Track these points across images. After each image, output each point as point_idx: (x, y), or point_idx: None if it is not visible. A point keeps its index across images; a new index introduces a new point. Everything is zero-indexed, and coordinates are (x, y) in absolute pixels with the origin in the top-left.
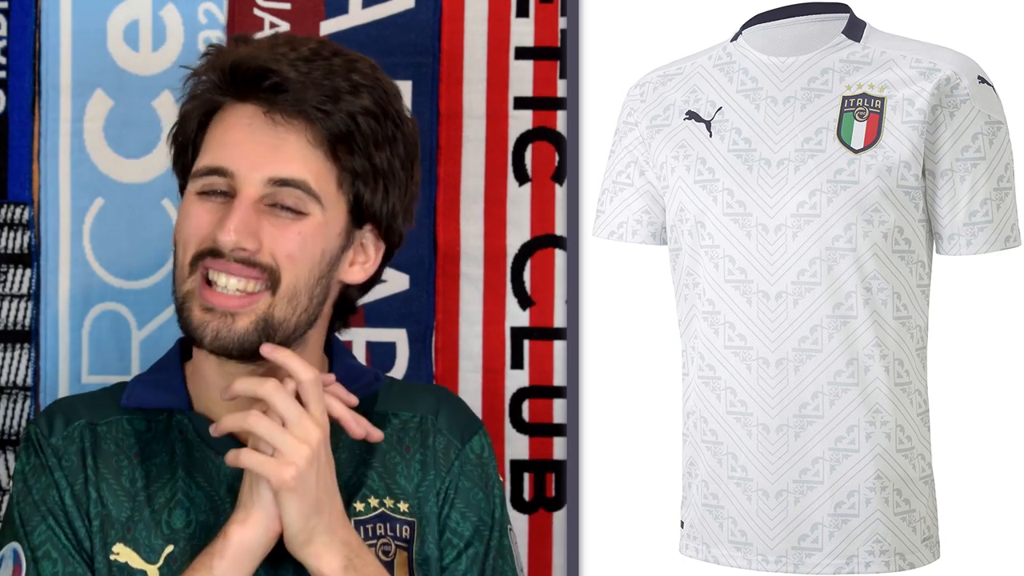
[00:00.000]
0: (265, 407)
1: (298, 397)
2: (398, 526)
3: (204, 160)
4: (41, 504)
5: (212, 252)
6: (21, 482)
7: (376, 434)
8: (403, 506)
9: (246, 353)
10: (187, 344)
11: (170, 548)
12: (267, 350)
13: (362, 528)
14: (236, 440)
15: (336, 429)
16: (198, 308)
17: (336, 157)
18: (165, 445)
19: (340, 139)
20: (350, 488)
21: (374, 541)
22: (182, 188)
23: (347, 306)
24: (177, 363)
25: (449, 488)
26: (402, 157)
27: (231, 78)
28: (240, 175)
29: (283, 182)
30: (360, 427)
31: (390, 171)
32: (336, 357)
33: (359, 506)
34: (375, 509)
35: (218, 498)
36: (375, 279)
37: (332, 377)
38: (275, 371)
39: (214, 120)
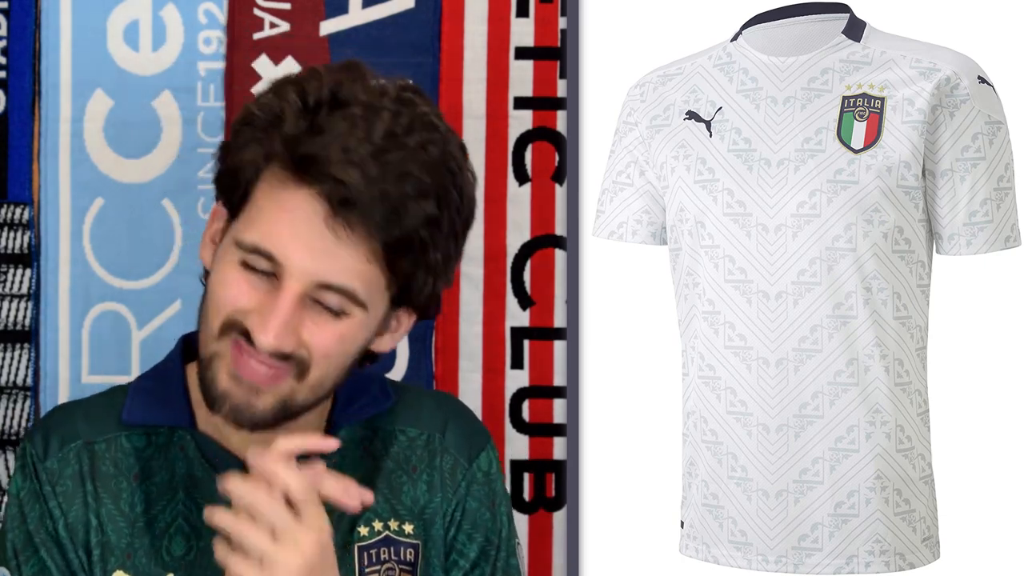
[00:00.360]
0: (277, 433)
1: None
2: (403, 549)
3: (253, 236)
4: (35, 535)
5: (246, 334)
6: (16, 507)
7: (368, 499)
8: (408, 527)
9: (257, 428)
10: (189, 346)
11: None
12: (255, 459)
13: (366, 554)
14: (235, 458)
15: (347, 446)
16: (225, 374)
17: (391, 265)
18: (166, 463)
19: (398, 250)
20: (354, 514)
21: (378, 567)
22: (218, 198)
23: (364, 359)
24: (179, 370)
25: (456, 510)
26: (457, 235)
27: (298, 162)
28: (289, 270)
29: (331, 287)
30: (353, 500)
31: (442, 265)
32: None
33: (363, 531)
34: (379, 533)
35: None
36: None
37: (335, 444)
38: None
39: (269, 185)
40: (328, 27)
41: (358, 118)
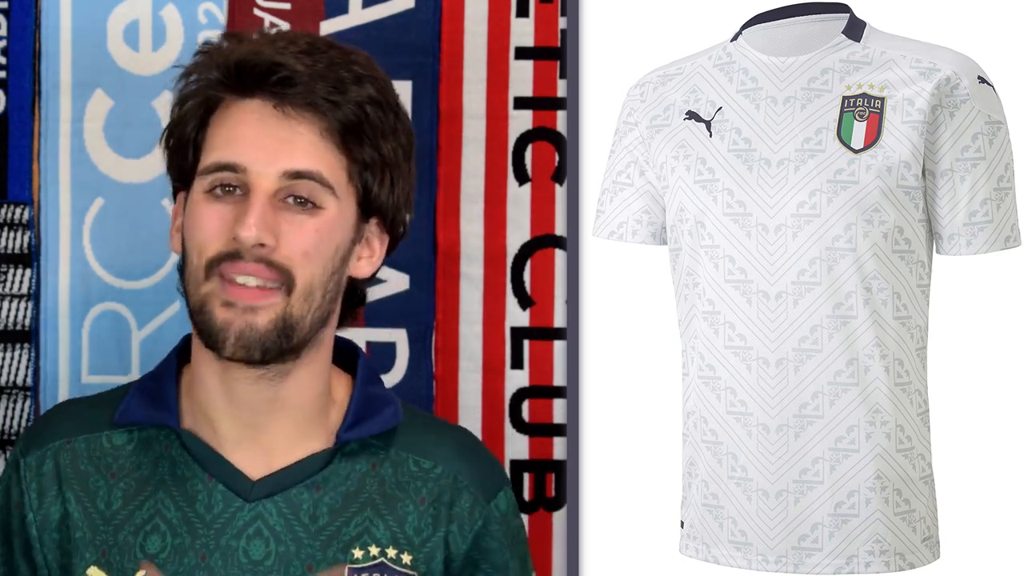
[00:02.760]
0: (273, 408)
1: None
2: None
3: (212, 156)
4: (5, 527)
5: (230, 255)
6: (1, 498)
7: None
8: (406, 557)
9: (268, 355)
10: (187, 349)
11: (141, 573)
12: None
13: None
14: (222, 458)
15: (355, 465)
16: (219, 307)
17: (347, 148)
18: (147, 459)
19: (350, 129)
20: (352, 533)
21: None
22: (176, 191)
23: (354, 300)
24: (173, 371)
25: (473, 550)
26: (404, 147)
27: (237, 74)
28: (254, 170)
29: (297, 174)
30: None
31: (395, 161)
32: (358, 386)
33: (357, 553)
34: (374, 558)
35: (196, 518)
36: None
37: None
38: (286, 377)
39: (216, 118)
40: (328, 27)
41: (278, 37)
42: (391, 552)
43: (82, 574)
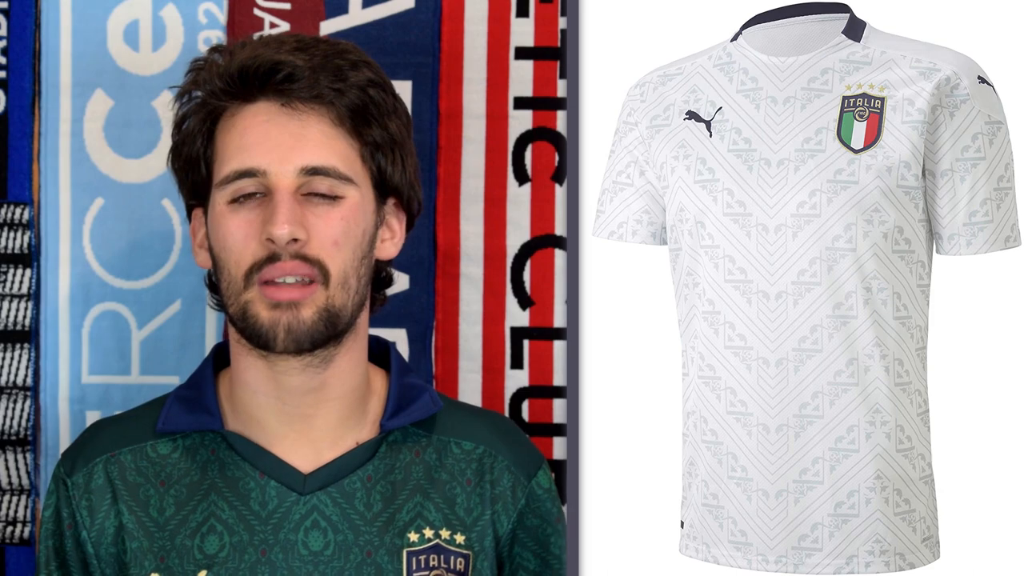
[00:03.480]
0: (319, 398)
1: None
2: (452, 558)
3: (229, 166)
4: (59, 552)
5: (268, 259)
6: (47, 524)
7: None
8: (459, 538)
9: (317, 344)
10: (221, 355)
11: (203, 573)
12: None
13: (415, 559)
14: (271, 454)
15: (400, 452)
16: (265, 310)
17: (357, 132)
18: (195, 464)
19: (357, 113)
20: (405, 519)
21: (426, 572)
22: (191, 208)
23: (381, 283)
24: (210, 377)
25: (518, 528)
26: (405, 125)
27: (240, 80)
28: (272, 170)
29: (314, 170)
30: None
31: (401, 139)
32: (394, 376)
33: (413, 536)
34: (429, 540)
35: (251, 516)
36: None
37: None
38: (329, 364)
39: (222, 128)
40: (328, 27)
41: (269, 40)
42: (444, 534)
43: None
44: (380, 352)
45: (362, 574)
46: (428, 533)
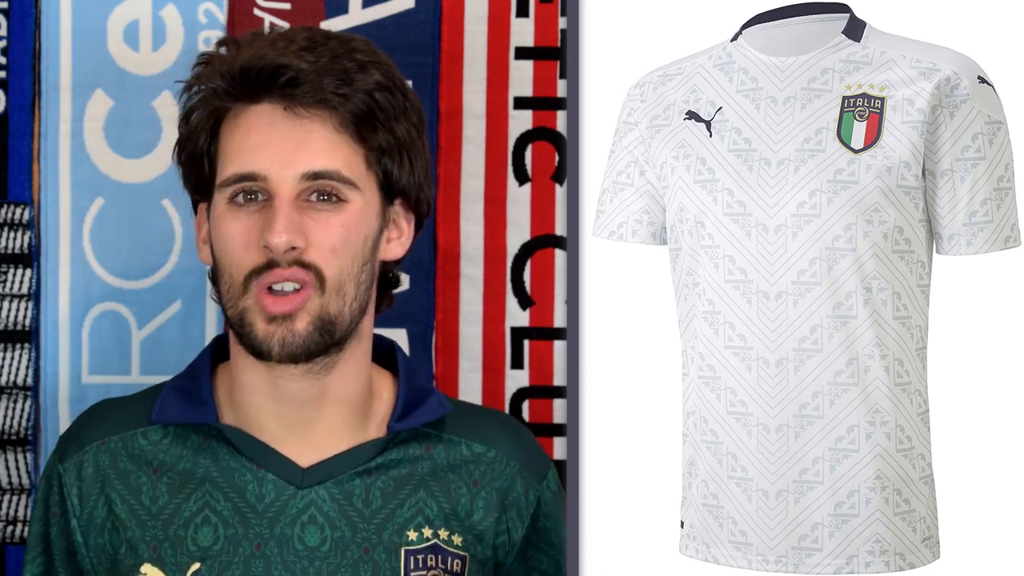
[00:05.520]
0: (320, 403)
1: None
2: (450, 559)
3: (230, 168)
4: (44, 537)
5: (266, 265)
6: (36, 509)
7: None
8: (457, 539)
9: (313, 355)
10: (220, 347)
11: (196, 566)
12: None
13: (413, 558)
14: (269, 448)
15: (408, 450)
16: (261, 322)
17: (362, 138)
18: (187, 450)
19: (363, 119)
20: (406, 515)
21: (423, 572)
22: (195, 203)
23: (388, 284)
24: (207, 369)
25: (531, 532)
26: (416, 126)
27: (242, 81)
28: (273, 176)
29: (316, 175)
30: None
31: (410, 141)
32: (403, 379)
33: (412, 535)
34: (428, 540)
35: (247, 508)
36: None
37: None
38: (331, 370)
39: (226, 127)
40: (328, 27)
41: (277, 37)
42: (443, 534)
43: (136, 572)
44: (384, 352)
45: (359, 571)
46: (427, 532)
